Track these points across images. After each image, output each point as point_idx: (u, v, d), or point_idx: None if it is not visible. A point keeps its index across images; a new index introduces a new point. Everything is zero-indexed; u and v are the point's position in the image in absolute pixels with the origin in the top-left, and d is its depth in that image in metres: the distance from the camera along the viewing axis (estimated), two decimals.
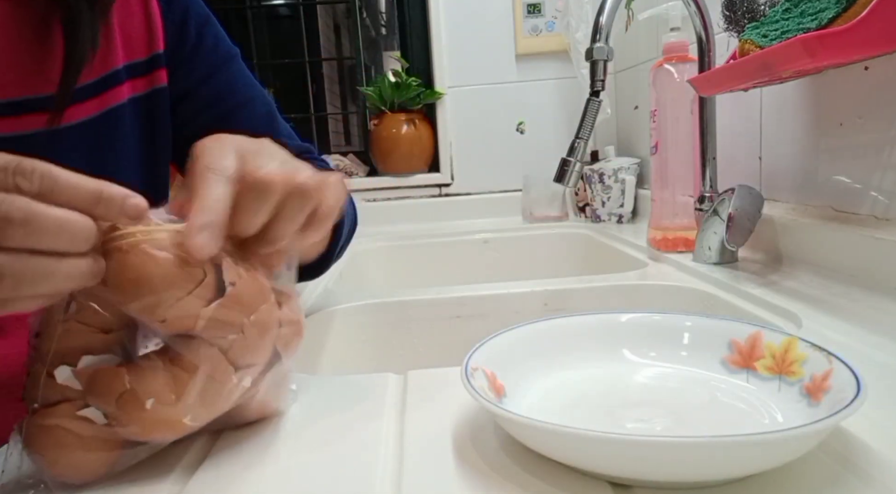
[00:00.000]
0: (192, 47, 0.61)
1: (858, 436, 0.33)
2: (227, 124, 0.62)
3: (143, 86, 0.59)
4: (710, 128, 0.81)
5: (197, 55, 0.62)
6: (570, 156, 0.78)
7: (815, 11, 0.54)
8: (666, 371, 0.42)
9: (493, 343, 0.40)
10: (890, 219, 0.61)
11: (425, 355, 0.75)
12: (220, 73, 0.63)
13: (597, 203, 1.26)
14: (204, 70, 0.62)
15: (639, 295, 0.75)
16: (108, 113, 0.56)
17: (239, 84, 0.65)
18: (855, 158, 0.66)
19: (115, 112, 0.57)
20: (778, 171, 0.80)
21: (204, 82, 0.62)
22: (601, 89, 0.77)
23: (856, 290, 0.59)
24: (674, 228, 0.87)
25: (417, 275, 1.24)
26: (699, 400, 0.38)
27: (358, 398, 0.43)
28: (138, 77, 0.58)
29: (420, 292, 0.77)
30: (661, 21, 1.03)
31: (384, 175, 1.53)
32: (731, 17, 0.74)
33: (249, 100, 0.65)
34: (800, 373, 0.36)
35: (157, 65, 0.59)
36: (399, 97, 1.48)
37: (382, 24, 3.76)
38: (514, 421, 0.31)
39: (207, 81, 0.62)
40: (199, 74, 0.62)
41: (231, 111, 0.63)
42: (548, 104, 1.50)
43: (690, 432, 0.35)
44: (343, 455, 0.35)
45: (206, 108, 0.63)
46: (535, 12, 1.46)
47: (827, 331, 0.50)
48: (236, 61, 0.65)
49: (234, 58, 0.65)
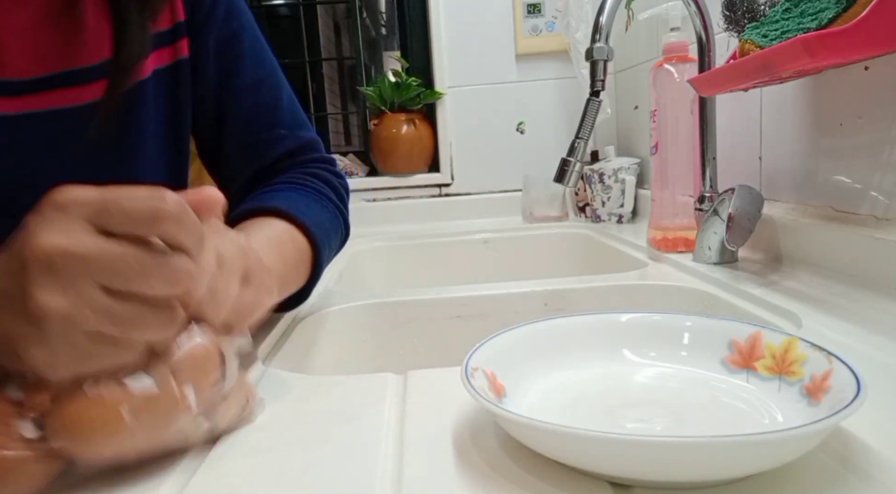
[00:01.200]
0: (204, 15, 0.59)
1: (858, 436, 0.33)
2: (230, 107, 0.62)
3: (167, 57, 0.57)
4: (710, 128, 0.81)
5: (207, 25, 0.59)
6: (570, 156, 0.78)
7: (815, 11, 0.54)
8: (666, 371, 0.42)
9: (493, 343, 0.40)
10: (890, 219, 0.61)
11: (425, 355, 0.75)
12: (229, 48, 0.61)
13: (597, 203, 1.26)
14: (213, 44, 0.60)
15: (639, 295, 0.75)
16: (133, 87, 0.55)
17: (250, 62, 0.63)
18: (855, 158, 0.66)
19: (141, 85, 0.55)
20: (778, 171, 0.80)
21: (214, 58, 0.60)
22: (601, 89, 0.77)
23: (856, 290, 0.59)
24: (674, 228, 0.87)
25: (417, 275, 1.24)
26: (699, 400, 0.38)
27: (357, 398, 0.43)
28: (162, 47, 0.57)
29: (420, 292, 0.77)
30: (661, 21, 1.03)
31: (384, 175, 1.53)
32: (731, 17, 0.74)
33: (257, 83, 0.63)
34: (800, 373, 0.36)
35: (179, 34, 0.57)
36: (399, 97, 1.48)
37: (382, 24, 3.76)
38: (514, 421, 0.31)
39: (217, 57, 0.60)
40: (209, 48, 0.60)
41: (237, 92, 0.62)
42: (548, 104, 1.50)
43: (690, 432, 0.35)
44: (343, 454, 0.35)
45: (213, 89, 0.61)
46: (535, 12, 1.46)
47: (827, 331, 0.50)
48: (248, 35, 0.63)
49: (246, 30, 0.63)
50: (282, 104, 0.65)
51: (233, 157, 0.64)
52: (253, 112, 0.63)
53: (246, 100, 0.62)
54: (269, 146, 0.63)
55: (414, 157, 1.51)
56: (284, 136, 0.64)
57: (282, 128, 0.64)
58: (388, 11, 3.72)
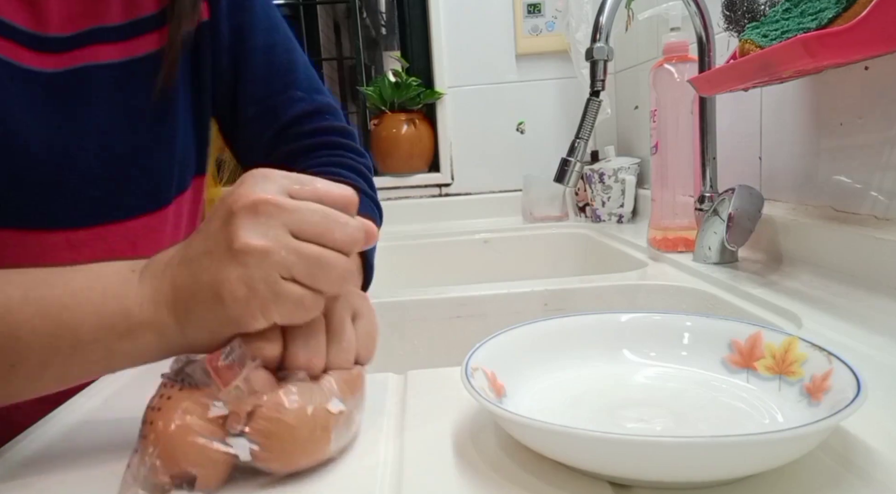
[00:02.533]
0: None
1: (858, 436, 0.33)
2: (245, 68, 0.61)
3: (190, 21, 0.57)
4: (710, 128, 0.81)
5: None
6: (571, 155, 0.78)
7: (815, 11, 0.54)
8: (666, 370, 0.42)
9: (493, 343, 0.40)
10: (890, 218, 0.61)
11: (425, 355, 0.75)
12: (240, 12, 0.61)
13: (597, 203, 1.26)
14: (225, 4, 0.60)
15: (639, 295, 0.75)
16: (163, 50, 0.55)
17: (262, 26, 0.62)
18: (855, 158, 0.66)
19: None
20: (778, 171, 0.80)
21: (227, 17, 0.60)
22: (601, 89, 0.77)
23: (856, 290, 0.59)
24: (674, 228, 0.87)
25: (417, 275, 1.24)
26: (699, 400, 0.38)
27: None
28: None
29: (420, 292, 0.77)
30: (661, 21, 1.03)
31: (384, 175, 1.53)
32: (731, 17, 0.74)
33: (270, 47, 0.62)
34: (800, 373, 0.36)
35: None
36: (399, 97, 1.48)
37: (382, 24, 3.76)
38: (514, 421, 0.31)
39: (230, 17, 0.60)
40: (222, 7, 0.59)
41: (250, 53, 0.61)
42: (548, 104, 1.50)
43: (691, 432, 0.35)
44: (343, 454, 0.35)
45: (226, 49, 0.60)
46: (535, 12, 1.46)
47: (827, 331, 0.50)
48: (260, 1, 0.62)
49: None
50: (297, 67, 0.64)
51: (250, 121, 0.63)
52: (268, 73, 0.62)
53: (260, 60, 0.62)
54: (285, 107, 0.63)
55: (414, 157, 1.51)
56: (301, 98, 0.63)
57: (298, 90, 0.63)
58: (388, 11, 3.72)
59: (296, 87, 0.63)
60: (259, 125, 0.63)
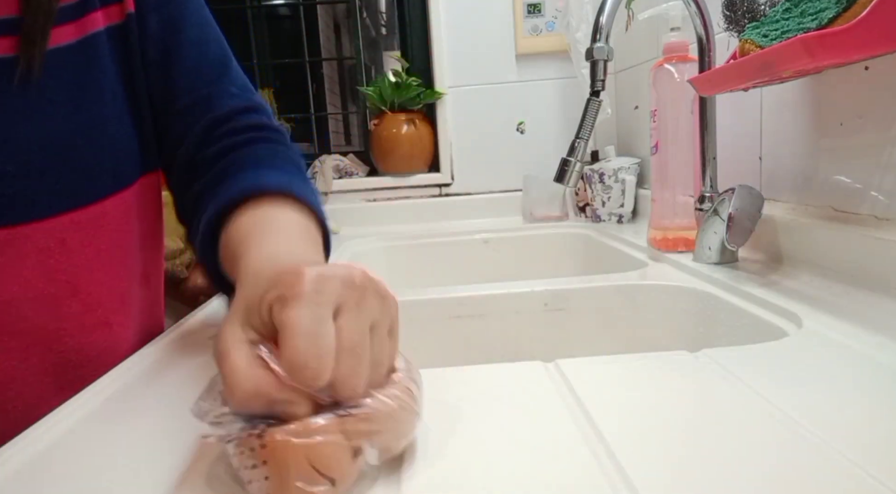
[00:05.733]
0: None
1: (858, 436, 0.33)
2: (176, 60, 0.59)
3: (117, 15, 0.56)
4: (710, 128, 0.81)
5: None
6: (571, 155, 0.78)
7: (815, 11, 0.54)
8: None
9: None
10: (890, 218, 0.61)
11: (425, 355, 0.75)
12: (171, 4, 0.59)
13: (597, 203, 1.26)
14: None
15: (639, 295, 0.75)
16: (86, 41, 0.53)
17: (194, 20, 0.61)
18: (855, 158, 0.66)
19: (94, 40, 0.54)
20: (778, 171, 0.80)
21: (154, 10, 0.58)
22: (601, 89, 0.77)
23: (856, 290, 0.59)
24: (674, 228, 0.87)
25: (417, 275, 1.24)
26: None
27: None
28: (112, 4, 0.55)
29: (420, 292, 0.77)
30: (661, 21, 1.03)
31: (384, 175, 1.53)
32: (731, 16, 0.74)
33: (204, 42, 0.61)
34: None
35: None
36: (399, 97, 1.48)
37: (382, 24, 3.76)
38: None
39: (158, 9, 0.58)
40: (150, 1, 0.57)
41: (182, 45, 0.59)
42: (548, 104, 1.50)
43: None
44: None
45: (156, 41, 0.58)
46: (535, 12, 1.46)
47: (827, 331, 0.50)
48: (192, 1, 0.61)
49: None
50: (231, 64, 0.63)
51: (183, 111, 0.61)
52: (201, 65, 0.61)
53: (193, 53, 0.60)
54: (220, 99, 0.61)
55: (414, 157, 1.51)
56: (236, 94, 0.62)
57: (232, 86, 0.62)
58: (388, 11, 3.72)
59: (230, 82, 0.62)
60: (192, 115, 0.61)
